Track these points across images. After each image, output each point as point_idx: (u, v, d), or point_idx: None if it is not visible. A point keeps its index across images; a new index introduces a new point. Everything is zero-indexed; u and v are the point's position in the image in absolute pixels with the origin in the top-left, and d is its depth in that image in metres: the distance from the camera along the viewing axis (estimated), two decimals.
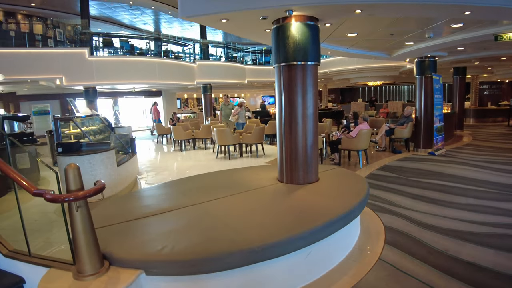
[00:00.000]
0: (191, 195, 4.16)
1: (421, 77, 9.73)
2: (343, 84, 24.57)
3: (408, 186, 6.33)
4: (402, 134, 9.89)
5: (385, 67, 16.20)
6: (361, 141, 7.95)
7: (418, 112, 9.90)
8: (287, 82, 4.49)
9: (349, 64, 17.03)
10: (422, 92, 9.75)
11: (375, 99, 23.27)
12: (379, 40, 7.31)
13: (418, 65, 9.77)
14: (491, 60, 13.20)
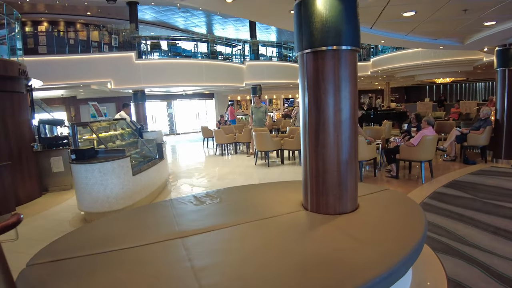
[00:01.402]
0: (182, 222, 3.13)
1: (503, 69, 7.79)
2: (408, 82, 22.15)
3: (486, 214, 4.71)
4: (477, 140, 8.00)
5: (456, 61, 14.00)
6: (425, 150, 6.36)
7: (500, 114, 7.94)
8: (312, 75, 3.25)
9: (414, 59, 15.04)
10: (505, 88, 7.80)
11: (444, 98, 20.59)
12: (446, 20, 5.68)
13: (500, 55, 7.83)
14: None
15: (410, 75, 17.63)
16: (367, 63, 18.40)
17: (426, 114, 17.98)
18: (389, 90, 22.36)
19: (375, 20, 5.25)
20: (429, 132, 6.38)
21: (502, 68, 7.82)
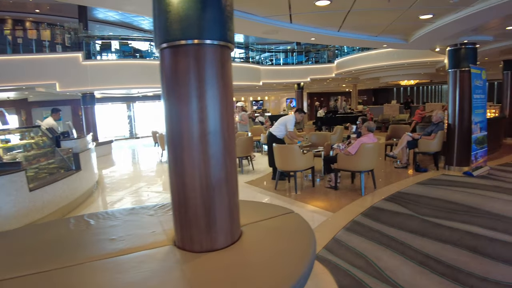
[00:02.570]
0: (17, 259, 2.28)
1: (455, 71, 7.22)
2: (375, 84, 21.75)
3: (420, 236, 4.02)
4: (428, 146, 7.39)
5: (418, 63, 13.54)
6: (364, 159, 5.67)
7: (451, 118, 7.36)
8: (169, 76, 2.48)
9: (377, 61, 14.51)
10: (456, 91, 7.23)
11: (410, 100, 20.26)
12: (373, 12, 5.02)
13: (451, 55, 7.27)
14: None
15: (375, 77, 17.14)
16: (331, 65, 17.83)
17: (391, 117, 17.55)
18: (356, 92, 21.91)
19: (289, 13, 4.58)
20: (368, 139, 5.68)
21: (453, 69, 7.24)
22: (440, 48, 7.73)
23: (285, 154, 5.93)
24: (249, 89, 21.87)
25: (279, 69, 18.45)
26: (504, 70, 11.98)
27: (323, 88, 24.26)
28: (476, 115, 7.14)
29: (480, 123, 7.29)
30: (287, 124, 6.77)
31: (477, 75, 7.16)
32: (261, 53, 20.03)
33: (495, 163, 8.03)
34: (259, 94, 25.96)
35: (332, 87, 23.97)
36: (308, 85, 21.97)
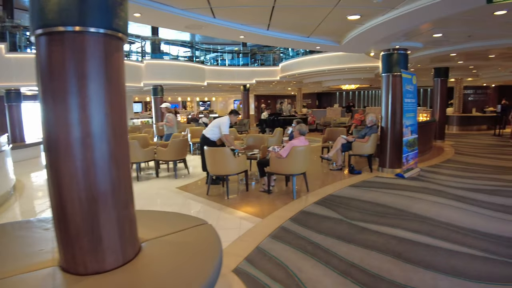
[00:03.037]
0: None
1: (387, 75, 7.33)
2: (318, 88, 22.17)
3: (347, 242, 3.85)
4: (362, 149, 7.43)
5: (358, 68, 13.84)
6: (295, 162, 5.47)
7: (384, 121, 7.46)
8: (46, 68, 2.03)
9: (319, 65, 14.66)
10: (388, 95, 7.34)
11: (352, 104, 20.87)
12: (302, 11, 4.87)
13: (385, 60, 7.38)
14: (477, 59, 10.85)
15: (318, 81, 17.39)
16: (276, 68, 17.82)
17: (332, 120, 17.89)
18: (301, 96, 22.18)
19: (209, 6, 4.27)
20: (299, 142, 5.50)
21: (386, 73, 7.35)
22: (374, 53, 7.83)
23: (216, 158, 5.57)
24: (194, 89, 21.28)
25: (224, 69, 18.10)
26: (434, 77, 12.59)
27: (269, 90, 24.31)
28: (407, 118, 7.27)
29: (411, 127, 7.45)
30: (221, 126, 6.41)
31: (408, 80, 7.31)
32: (207, 53, 19.58)
33: (426, 164, 8.30)
34: (205, 95, 25.41)
35: (278, 90, 24.07)
36: (255, 87, 21.86)
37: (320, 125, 17.34)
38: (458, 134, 15.47)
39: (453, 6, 4.18)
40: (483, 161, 8.77)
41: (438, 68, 12.29)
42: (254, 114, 25.69)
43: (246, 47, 19.51)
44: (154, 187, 6.77)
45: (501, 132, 14.83)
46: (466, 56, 9.99)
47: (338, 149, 7.50)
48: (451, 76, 13.76)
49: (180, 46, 18.89)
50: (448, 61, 11.12)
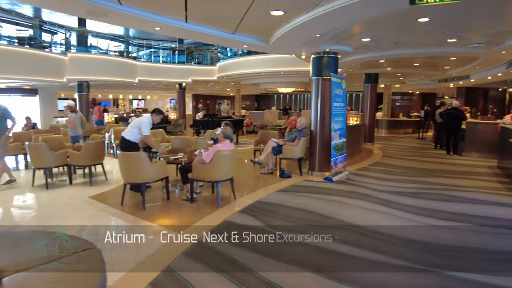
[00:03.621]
0: None
1: (317, 78, 7.23)
2: (257, 90, 22.09)
3: (267, 257, 3.51)
4: (292, 152, 7.24)
5: (293, 71, 13.87)
6: (220, 168, 5.06)
7: (313, 125, 7.36)
8: None
9: (255, 67, 14.47)
10: (318, 98, 7.24)
11: (289, 107, 21.05)
12: (219, 2, 4.49)
13: (315, 63, 7.28)
14: (403, 66, 11.33)
15: (255, 83, 17.23)
16: (213, 68, 17.34)
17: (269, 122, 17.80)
18: (240, 97, 21.92)
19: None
20: (224, 146, 5.09)
21: (316, 77, 7.25)
22: (305, 56, 7.71)
23: (130, 163, 4.96)
24: (126, 86, 20.02)
25: (158, 66, 17.20)
26: (365, 82, 12.97)
27: (208, 90, 23.72)
28: (335, 122, 7.22)
29: (339, 130, 7.42)
30: (142, 126, 5.78)
31: (338, 84, 7.27)
32: (140, 49, 18.51)
33: (355, 167, 8.36)
34: (139, 92, 24.09)
35: (217, 91, 23.59)
36: (193, 87, 21.16)
37: (258, 127, 17.17)
38: (386, 137, 16.19)
39: (375, 7, 4.05)
40: (408, 163, 9.09)
41: (368, 74, 12.67)
42: (192, 114, 24.93)
43: (183, 45, 18.78)
44: (65, 195, 5.94)
45: (424, 136, 15.81)
46: (394, 63, 10.34)
47: (269, 152, 7.24)
48: (381, 82, 14.33)
49: (111, 40, 17.59)
50: (377, 67, 11.47)
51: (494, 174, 7.87)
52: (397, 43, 6.58)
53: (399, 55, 7.90)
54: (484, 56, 7.96)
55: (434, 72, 12.64)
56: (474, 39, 6.30)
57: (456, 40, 6.29)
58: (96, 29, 16.26)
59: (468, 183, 6.86)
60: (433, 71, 12.20)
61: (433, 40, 6.40)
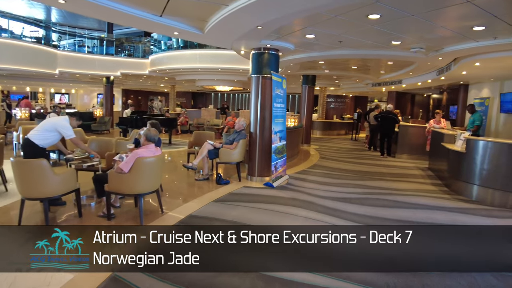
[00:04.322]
0: None
1: (257, 76, 6.62)
2: (193, 87, 21.02)
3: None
4: (230, 156, 6.55)
5: (231, 69, 13.23)
6: (143, 178, 4.18)
7: (253, 126, 6.75)
8: None
9: (191, 62, 13.53)
10: (258, 98, 6.64)
11: (227, 106, 20.32)
12: None
13: (255, 60, 6.66)
14: (342, 69, 11.29)
15: (191, 80, 16.23)
16: (145, 61, 15.99)
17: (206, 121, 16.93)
18: (175, 94, 20.69)
19: None
20: (147, 152, 4.23)
21: (256, 74, 6.64)
22: (245, 51, 7.08)
23: (28, 174, 3.88)
24: (46, 78, 17.77)
25: (83, 57, 15.37)
26: (303, 84, 12.74)
27: (140, 85, 22.04)
28: (276, 124, 6.69)
29: (279, 133, 6.90)
30: (62, 130, 4.69)
31: (279, 83, 6.74)
32: (62, 36, 16.49)
33: (294, 170, 7.96)
34: (63, 86, 21.64)
35: (150, 86, 22.00)
36: (123, 81, 19.47)
37: (194, 126, 16.22)
38: (321, 139, 16.25)
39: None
40: (345, 165, 8.96)
41: (306, 76, 12.44)
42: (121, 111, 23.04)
43: (112, 35, 17.13)
44: None
45: (357, 137, 16.20)
46: (333, 64, 10.18)
47: (204, 156, 6.48)
48: (317, 84, 14.28)
49: (27, 24, 15.34)
50: (316, 69, 11.28)
51: (427, 176, 8.05)
52: (342, 42, 6.22)
53: (341, 56, 7.63)
54: (420, 61, 8.01)
55: (369, 76, 12.84)
56: (416, 43, 6.17)
57: (400, 43, 6.11)
58: (6, 9, 14.07)
59: (407, 186, 6.84)
60: (368, 74, 12.36)
61: (378, 42, 6.16)
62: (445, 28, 5.08)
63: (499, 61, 6.92)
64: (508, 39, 5.48)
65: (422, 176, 8.05)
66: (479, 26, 4.94)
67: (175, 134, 14.66)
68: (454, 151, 6.57)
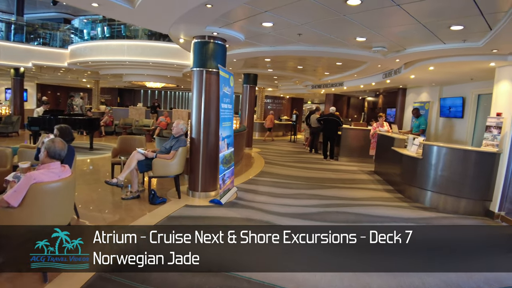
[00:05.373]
0: None
1: (200, 71, 5.38)
2: (120, 83, 18.75)
3: None
4: (166, 168, 5.19)
5: (164, 64, 11.73)
6: (41, 213, 2.75)
7: (195, 131, 5.48)
8: None
9: (117, 54, 11.72)
10: (201, 96, 5.40)
11: (158, 104, 18.45)
12: None
13: (198, 50, 5.41)
14: (285, 69, 10.54)
15: (117, 74, 14.23)
16: (64, 51, 13.62)
17: (134, 122, 15.03)
18: (99, 90, 18.24)
19: None
20: (47, 174, 2.78)
21: (199, 68, 5.39)
22: (185, 40, 5.78)
23: None
24: None
25: None
26: (244, 83, 11.76)
27: (58, 80, 19.04)
28: (223, 128, 5.53)
29: (227, 138, 5.75)
30: None
31: (226, 80, 5.59)
32: None
33: (241, 179, 6.96)
34: None
35: (70, 81, 19.14)
36: (37, 74, 16.61)
37: (120, 127, 14.28)
38: (260, 141, 15.40)
39: None
40: (293, 171, 8.25)
41: (248, 74, 11.46)
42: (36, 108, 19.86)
43: (22, 17, 14.41)
44: None
45: (296, 139, 15.74)
46: (278, 63, 9.37)
47: (133, 168, 5.08)
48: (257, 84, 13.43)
49: None
50: (259, 67, 10.39)
51: (376, 181, 7.82)
52: (301, 35, 5.25)
53: (294, 53, 6.67)
54: (373, 62, 7.47)
55: (311, 77, 12.27)
56: (381, 41, 5.48)
57: (365, 40, 5.33)
58: None
59: (361, 194, 6.47)
60: (312, 75, 11.80)
61: (343, 37, 5.34)
62: (423, 25, 4.40)
63: (454, 66, 6.61)
64: (476, 43, 5.04)
65: (371, 181, 7.78)
66: (457, 25, 4.35)
67: (98, 136, 12.65)
68: (408, 156, 6.35)
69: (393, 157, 7.10)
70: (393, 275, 3.18)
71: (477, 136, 8.34)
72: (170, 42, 10.18)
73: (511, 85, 5.53)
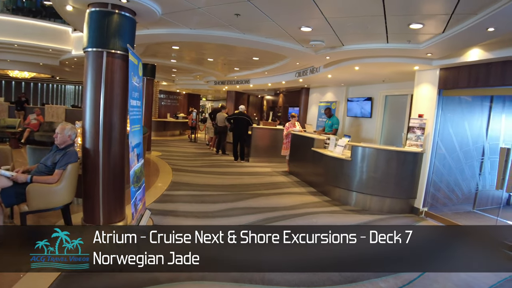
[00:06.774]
0: None
1: (99, 52, 3.63)
2: None
3: None
4: (49, 197, 3.32)
5: (36, 47, 9.18)
6: None
7: (90, 138, 3.67)
8: None
9: None
10: (100, 90, 3.66)
11: (26, 99, 14.64)
12: None
13: (96, 22, 3.61)
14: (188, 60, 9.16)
15: None
16: None
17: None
18: None
19: None
20: None
21: (95, 48, 3.64)
22: (74, 8, 3.94)
23: None
24: None
25: None
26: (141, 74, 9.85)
27: None
28: (133, 134, 3.91)
29: (137, 148, 4.13)
30: None
31: (135, 67, 3.96)
32: None
33: (153, 197, 5.48)
34: None
35: None
36: None
37: None
38: (157, 141, 13.42)
39: None
40: (208, 179, 7.07)
41: (145, 64, 9.61)
42: None
43: None
44: None
45: (196, 138, 14.37)
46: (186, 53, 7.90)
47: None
48: None
49: None
50: (160, 57, 8.72)
51: (296, 183, 7.43)
52: (239, 16, 3.98)
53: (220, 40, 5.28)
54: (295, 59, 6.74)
55: (218, 72, 11.06)
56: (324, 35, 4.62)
57: (311, 30, 4.36)
58: None
59: (290, 200, 5.89)
60: (219, 71, 10.62)
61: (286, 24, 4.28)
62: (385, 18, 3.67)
63: (379, 67, 6.34)
64: (417, 45, 4.68)
65: (291, 183, 7.36)
66: (418, 23, 3.76)
67: None
68: (332, 158, 6.08)
69: (313, 158, 6.84)
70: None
71: (384, 135, 8.47)
72: (45, 19, 7.77)
73: (432, 88, 5.63)
